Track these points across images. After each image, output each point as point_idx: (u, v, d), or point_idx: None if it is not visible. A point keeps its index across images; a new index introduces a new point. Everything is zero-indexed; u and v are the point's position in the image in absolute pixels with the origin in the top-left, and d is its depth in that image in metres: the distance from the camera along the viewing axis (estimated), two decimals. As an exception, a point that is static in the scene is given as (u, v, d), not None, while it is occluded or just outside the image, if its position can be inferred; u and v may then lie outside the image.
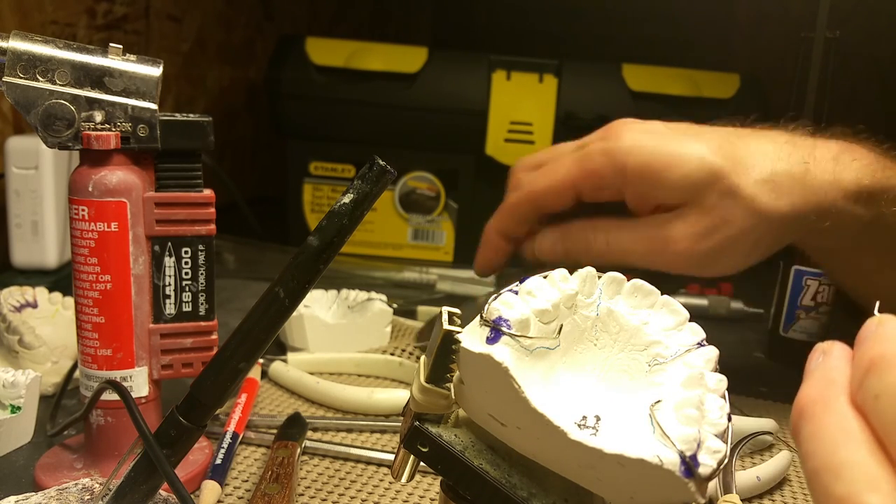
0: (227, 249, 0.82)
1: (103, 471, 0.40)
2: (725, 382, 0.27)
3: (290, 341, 0.60)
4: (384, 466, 0.44)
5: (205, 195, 0.41)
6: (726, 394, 0.26)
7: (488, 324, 0.26)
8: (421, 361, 0.29)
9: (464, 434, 0.28)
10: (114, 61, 0.38)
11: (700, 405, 0.25)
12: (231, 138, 1.13)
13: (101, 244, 0.38)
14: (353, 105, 0.89)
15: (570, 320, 0.28)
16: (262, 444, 0.46)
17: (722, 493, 0.39)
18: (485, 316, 0.26)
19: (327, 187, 0.92)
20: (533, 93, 0.88)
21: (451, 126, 0.89)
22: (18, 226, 0.69)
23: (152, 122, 0.38)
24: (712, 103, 0.88)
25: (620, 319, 0.29)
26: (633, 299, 0.29)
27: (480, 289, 0.77)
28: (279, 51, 0.91)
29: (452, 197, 0.91)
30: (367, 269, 0.83)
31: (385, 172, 0.29)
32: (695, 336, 0.28)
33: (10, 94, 0.36)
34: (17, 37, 0.37)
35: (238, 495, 0.41)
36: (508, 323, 0.26)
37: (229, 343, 0.31)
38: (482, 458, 0.28)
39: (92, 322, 0.39)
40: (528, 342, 0.26)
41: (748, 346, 0.70)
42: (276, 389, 0.55)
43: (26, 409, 0.45)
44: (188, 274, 0.41)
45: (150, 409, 0.41)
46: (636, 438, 0.25)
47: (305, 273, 0.30)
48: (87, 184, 0.38)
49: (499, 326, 0.26)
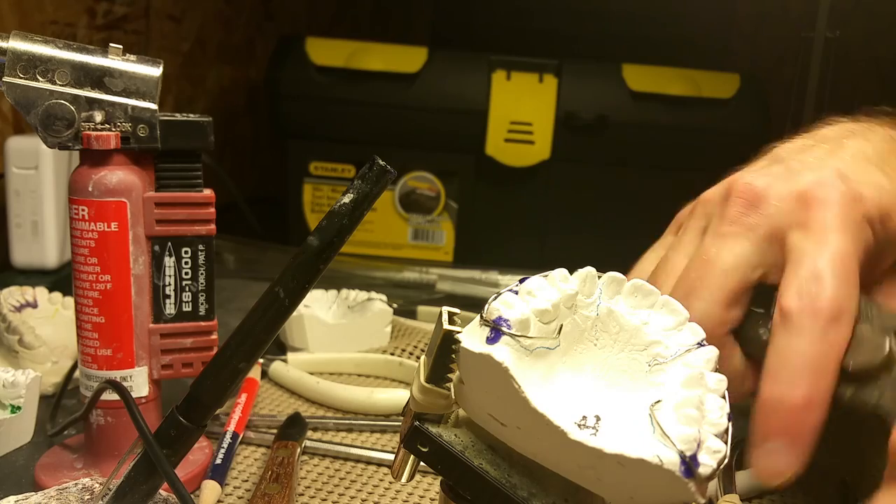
0: (227, 249, 0.82)
1: (103, 471, 0.40)
2: (725, 382, 0.27)
3: (290, 341, 0.60)
4: (384, 466, 0.44)
5: (205, 195, 0.41)
6: (726, 394, 0.26)
7: (488, 324, 0.26)
8: (421, 361, 0.29)
9: (464, 434, 0.28)
10: (114, 61, 0.38)
11: (700, 405, 0.25)
12: (231, 138, 1.13)
13: (101, 244, 0.38)
14: (353, 105, 0.89)
15: (570, 320, 0.28)
16: (262, 444, 0.46)
17: (722, 494, 0.39)
18: (485, 316, 0.26)
19: (327, 187, 0.92)
20: (533, 93, 0.88)
21: (451, 126, 0.89)
22: (18, 226, 0.69)
23: (152, 122, 0.38)
24: (712, 103, 0.88)
25: (620, 319, 0.29)
26: (633, 299, 0.29)
27: (481, 289, 0.77)
28: (279, 51, 0.91)
29: (452, 197, 0.91)
30: (367, 269, 0.83)
31: (385, 172, 0.29)
32: (695, 336, 0.28)
33: (10, 94, 0.36)
34: (17, 37, 0.37)
35: (238, 495, 0.41)
36: (508, 323, 0.26)
37: (229, 343, 0.31)
38: (482, 458, 0.28)
39: (92, 322, 0.39)
40: (528, 342, 0.26)
41: (748, 346, 0.70)
42: (276, 389, 0.55)
43: (26, 409, 0.45)
44: (188, 274, 0.41)
45: (150, 409, 0.41)
46: (636, 438, 0.25)
47: (305, 273, 0.30)
48: (87, 184, 0.38)
49: (499, 326, 0.26)
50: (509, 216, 0.93)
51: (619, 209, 0.92)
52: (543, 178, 0.90)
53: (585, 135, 0.89)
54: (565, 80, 0.88)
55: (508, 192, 0.92)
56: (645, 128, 0.89)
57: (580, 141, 0.89)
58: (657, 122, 0.88)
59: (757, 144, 0.41)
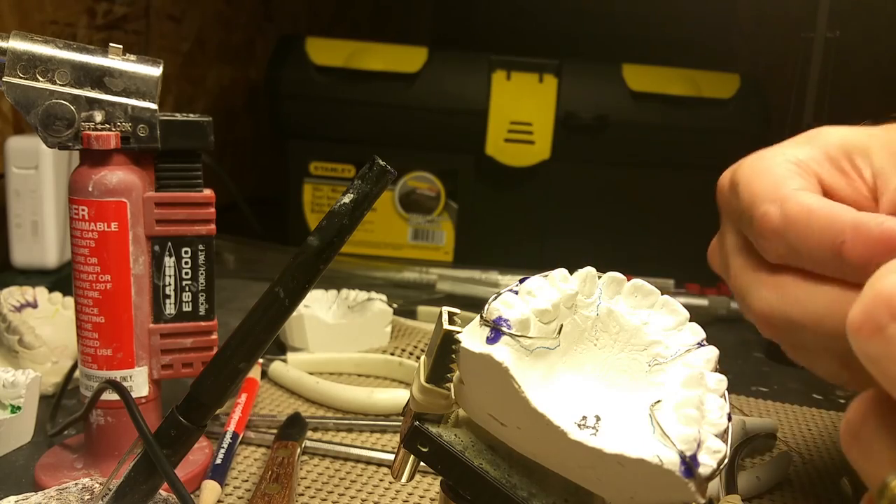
0: (227, 249, 0.82)
1: (103, 471, 0.40)
2: (725, 382, 0.27)
3: (290, 341, 0.60)
4: (384, 466, 0.44)
5: (205, 195, 0.41)
6: (726, 394, 0.26)
7: (488, 324, 0.26)
8: (421, 361, 0.29)
9: (464, 434, 0.28)
10: (114, 61, 0.38)
11: (700, 405, 0.25)
12: (231, 138, 1.13)
13: (101, 244, 0.38)
14: (353, 105, 0.89)
15: (570, 320, 0.28)
16: (262, 444, 0.46)
17: (724, 494, 0.39)
18: (485, 316, 0.26)
19: (327, 187, 0.92)
20: (533, 93, 0.88)
21: (451, 126, 0.89)
22: (18, 226, 0.69)
23: (152, 122, 0.38)
24: (712, 103, 0.88)
25: (620, 319, 0.29)
26: (632, 299, 0.29)
27: (481, 289, 0.77)
28: (279, 51, 0.91)
29: (452, 197, 0.91)
30: (367, 269, 0.83)
31: (385, 172, 0.29)
32: (695, 336, 0.28)
33: (10, 94, 0.36)
34: (17, 37, 0.37)
35: (238, 495, 0.40)
36: (508, 323, 0.26)
37: (229, 343, 0.31)
38: (482, 458, 0.28)
39: (92, 322, 0.39)
40: (528, 342, 0.26)
41: (748, 346, 0.70)
42: (276, 389, 0.55)
43: (26, 409, 0.45)
44: (188, 274, 0.41)
45: (150, 409, 0.41)
46: (636, 438, 0.25)
47: (305, 273, 0.30)
48: (87, 184, 0.38)
49: (499, 326, 0.26)
50: (509, 216, 0.93)
51: (619, 209, 0.92)
52: (543, 178, 0.90)
53: (585, 135, 0.89)
54: (565, 80, 0.88)
55: (508, 192, 0.92)
56: (645, 128, 0.89)
57: (580, 141, 0.89)
58: (657, 122, 0.88)
59: (757, 144, 0.41)
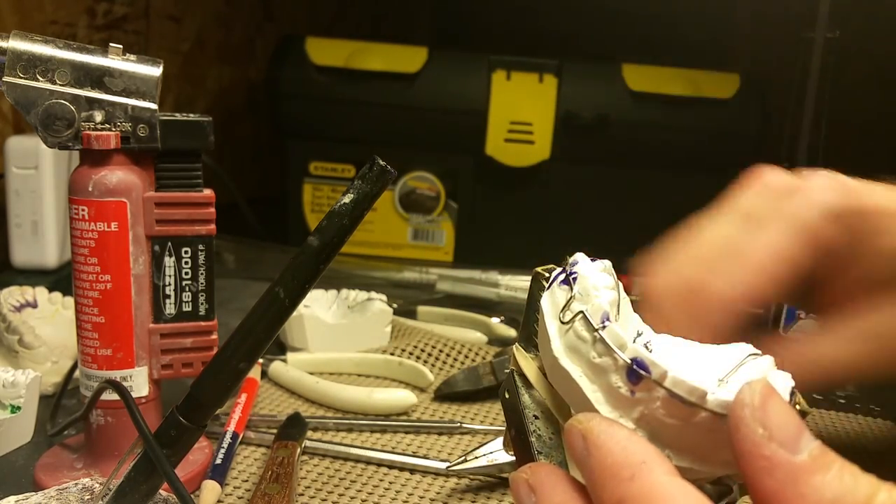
0: (227, 249, 0.82)
1: (103, 471, 0.40)
2: (792, 381, 0.26)
3: (290, 341, 0.60)
4: (384, 466, 0.44)
5: (205, 195, 0.41)
6: (795, 390, 0.26)
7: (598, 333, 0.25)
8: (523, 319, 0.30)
9: (547, 394, 0.28)
10: (114, 61, 0.38)
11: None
12: (231, 138, 1.13)
13: (101, 244, 0.38)
14: (353, 105, 0.89)
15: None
16: (262, 444, 0.46)
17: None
18: (594, 324, 0.25)
19: (327, 187, 0.92)
20: (533, 93, 0.88)
21: (451, 126, 0.89)
22: (18, 226, 0.69)
23: (152, 121, 0.38)
24: (712, 103, 0.88)
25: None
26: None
27: (481, 289, 0.77)
28: (279, 51, 0.91)
29: (452, 197, 0.91)
30: (367, 269, 0.83)
31: (385, 172, 0.29)
32: (746, 349, 0.27)
33: (10, 94, 0.36)
34: (17, 37, 0.37)
35: (238, 495, 0.40)
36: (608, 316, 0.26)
37: (229, 343, 0.31)
38: (538, 424, 0.28)
39: (92, 322, 0.39)
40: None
41: (748, 346, 0.70)
42: (275, 389, 0.55)
43: (26, 409, 0.45)
44: (188, 274, 0.41)
45: (150, 409, 0.41)
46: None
47: (305, 273, 0.30)
48: (87, 184, 0.38)
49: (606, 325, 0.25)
50: (509, 216, 0.93)
51: (619, 209, 0.92)
52: (543, 178, 0.90)
53: (585, 135, 0.89)
54: (565, 80, 0.88)
55: (508, 192, 0.92)
56: (645, 128, 0.89)
57: (580, 141, 0.89)
58: (657, 122, 0.88)
59: (757, 144, 0.41)
